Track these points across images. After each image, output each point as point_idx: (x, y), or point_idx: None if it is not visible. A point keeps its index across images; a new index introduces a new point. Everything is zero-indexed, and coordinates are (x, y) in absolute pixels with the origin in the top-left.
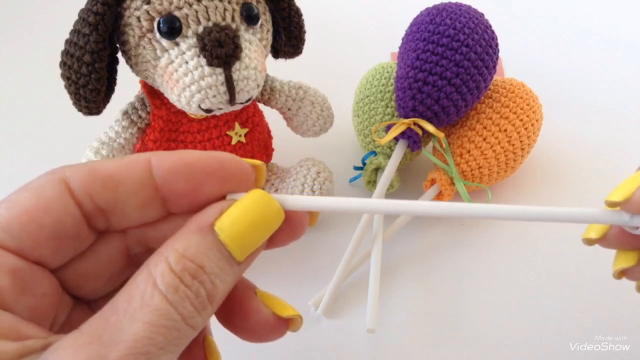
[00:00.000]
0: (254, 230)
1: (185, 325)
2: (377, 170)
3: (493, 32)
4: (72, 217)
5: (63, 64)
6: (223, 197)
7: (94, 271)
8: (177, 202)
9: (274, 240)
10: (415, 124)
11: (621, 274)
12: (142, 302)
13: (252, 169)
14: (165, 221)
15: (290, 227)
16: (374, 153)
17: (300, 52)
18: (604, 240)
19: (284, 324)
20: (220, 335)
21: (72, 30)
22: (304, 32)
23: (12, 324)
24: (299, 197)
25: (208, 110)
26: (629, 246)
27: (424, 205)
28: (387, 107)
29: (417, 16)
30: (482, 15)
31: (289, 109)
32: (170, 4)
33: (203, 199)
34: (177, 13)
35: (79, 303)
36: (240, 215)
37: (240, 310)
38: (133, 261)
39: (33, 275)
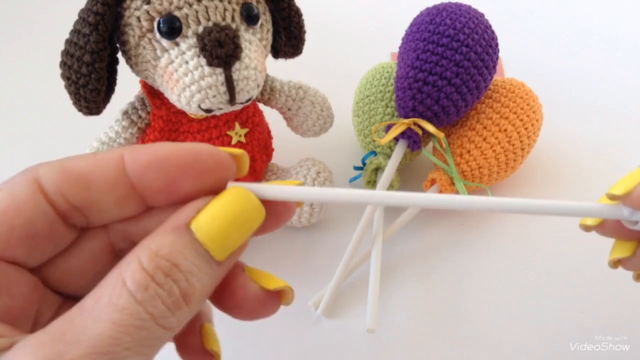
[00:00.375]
0: (233, 229)
1: (155, 326)
2: (377, 170)
3: (493, 32)
4: (45, 216)
5: (63, 64)
6: (206, 191)
7: (78, 268)
8: (155, 197)
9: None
10: (415, 124)
11: (617, 263)
12: (109, 301)
13: (232, 158)
14: (147, 215)
15: (275, 215)
16: (374, 153)
17: (300, 52)
18: (601, 227)
19: (274, 298)
20: (219, 335)
21: (72, 30)
22: (304, 32)
23: None
24: (280, 187)
25: (208, 110)
26: (626, 237)
27: (399, 196)
28: (387, 107)
29: (417, 16)
30: (482, 15)
31: (289, 109)
32: (170, 4)
33: (182, 194)
34: (177, 13)
35: (68, 300)
36: (217, 213)
37: (228, 288)
38: (119, 257)
39: (7, 275)
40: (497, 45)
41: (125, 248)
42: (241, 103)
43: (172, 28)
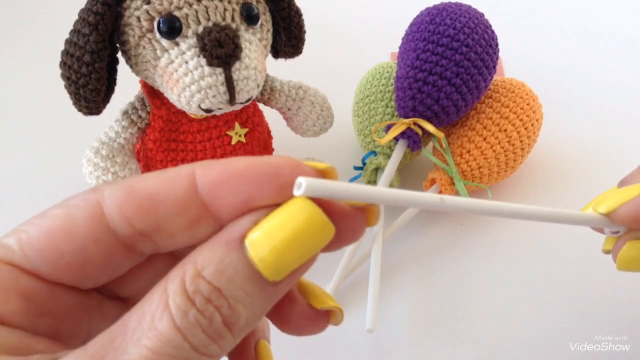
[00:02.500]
0: (292, 247)
1: (196, 354)
2: (377, 170)
3: (493, 32)
4: (101, 244)
5: (63, 64)
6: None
7: (134, 275)
8: (230, 217)
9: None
10: (415, 124)
11: (609, 252)
12: (151, 323)
13: (317, 174)
14: None
15: (342, 228)
16: (374, 153)
17: (300, 52)
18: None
19: (322, 317)
20: None
21: (72, 30)
22: (304, 32)
23: (19, 340)
24: (344, 184)
25: (208, 110)
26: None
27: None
28: (387, 107)
29: (417, 16)
30: (482, 15)
31: (289, 109)
32: (170, 4)
33: (251, 209)
34: (177, 13)
35: (126, 306)
36: (276, 228)
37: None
38: (176, 257)
39: (54, 297)
40: (497, 45)
41: (183, 250)
42: (241, 103)
43: (172, 28)
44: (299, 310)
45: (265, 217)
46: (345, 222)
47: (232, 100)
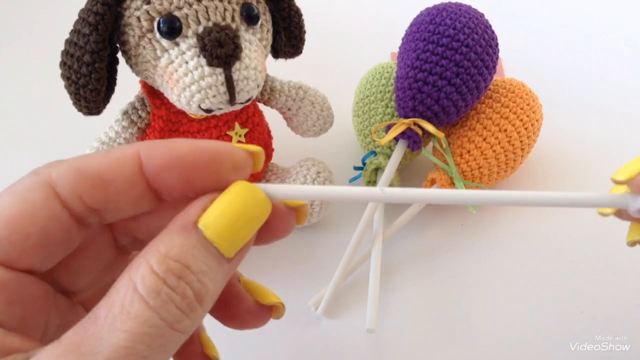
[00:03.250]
0: (241, 224)
1: (170, 331)
2: (377, 170)
3: (493, 32)
4: (60, 221)
5: (63, 64)
6: (221, 189)
7: (84, 266)
8: (170, 194)
9: (259, 238)
10: (415, 124)
11: (635, 244)
12: (122, 309)
13: (249, 155)
14: (152, 213)
15: (275, 224)
16: (374, 153)
17: (300, 52)
18: (618, 213)
19: (266, 312)
20: (220, 336)
21: (72, 30)
22: (304, 32)
23: None
24: (285, 186)
25: (208, 110)
26: None
27: (408, 192)
28: (387, 107)
29: (417, 16)
30: (482, 15)
31: (289, 109)
32: (170, 4)
33: (197, 191)
34: (177, 13)
35: (75, 305)
36: (224, 209)
37: (223, 298)
38: (122, 252)
39: (21, 285)
40: (497, 45)
41: (127, 244)
42: (241, 103)
43: (172, 28)
44: (246, 306)
45: (212, 202)
46: (279, 218)
47: (232, 100)
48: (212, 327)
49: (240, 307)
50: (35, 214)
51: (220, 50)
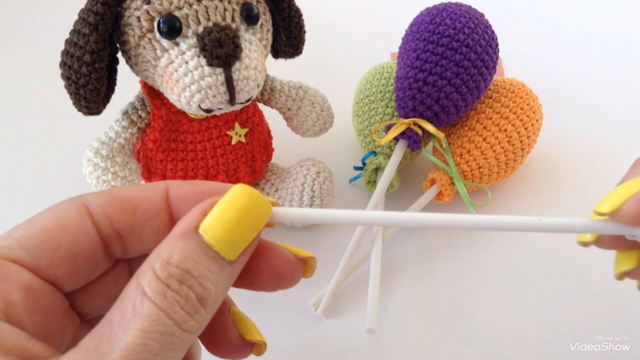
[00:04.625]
0: (240, 227)
1: (179, 330)
2: (377, 170)
3: (493, 32)
4: (89, 238)
5: (63, 64)
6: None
7: (100, 291)
8: None
9: (264, 285)
10: (415, 124)
11: (623, 275)
12: (134, 311)
13: (269, 206)
14: None
15: (283, 273)
16: (374, 153)
17: (300, 52)
18: (599, 242)
19: (248, 347)
20: None
21: (72, 30)
22: (304, 32)
23: (19, 341)
24: (284, 209)
25: (208, 110)
26: (625, 247)
27: (419, 216)
28: (387, 107)
29: (417, 16)
30: (482, 15)
31: (289, 109)
32: (170, 4)
33: None
34: (177, 13)
35: (83, 324)
36: (223, 213)
37: (209, 326)
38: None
39: (45, 294)
40: (497, 45)
41: None
42: (241, 103)
43: (172, 28)
44: (230, 338)
45: (212, 206)
46: (287, 268)
47: (232, 100)
48: None
49: (224, 337)
50: (68, 227)
51: (220, 50)
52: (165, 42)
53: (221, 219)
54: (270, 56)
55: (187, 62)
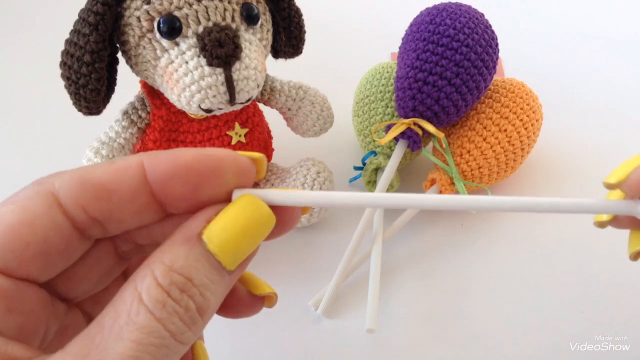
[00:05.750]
0: (244, 238)
1: (174, 342)
2: (377, 170)
3: (493, 32)
4: (61, 231)
5: (63, 64)
6: (225, 196)
7: (84, 274)
8: (175, 205)
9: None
10: (415, 124)
11: (638, 255)
12: (128, 319)
13: (252, 162)
14: (158, 223)
15: (281, 220)
16: (374, 153)
17: (300, 52)
18: (615, 221)
19: (259, 302)
20: (220, 335)
21: (72, 30)
22: (304, 32)
23: None
24: (287, 193)
25: (208, 110)
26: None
27: (413, 198)
28: (387, 107)
29: (417, 16)
30: (482, 15)
31: (289, 109)
32: (170, 4)
33: (203, 200)
34: (177, 13)
35: (72, 307)
36: (228, 223)
37: None
38: (123, 259)
39: (20, 293)
40: (497, 45)
41: (128, 250)
42: (241, 103)
43: (172, 28)
44: (238, 296)
45: (216, 214)
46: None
47: (232, 100)
48: (212, 328)
49: (233, 297)
50: (35, 223)
51: (220, 50)
52: (165, 42)
53: (226, 228)
54: (270, 56)
55: (187, 62)
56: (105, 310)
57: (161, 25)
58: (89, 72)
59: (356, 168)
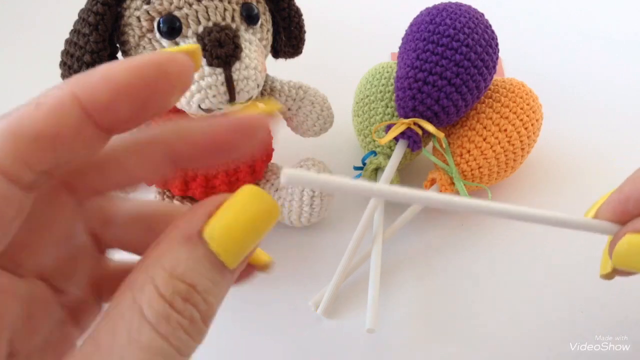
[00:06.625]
0: (248, 234)
1: (179, 356)
2: (377, 170)
3: (493, 32)
4: (9, 199)
5: (63, 64)
6: (173, 102)
7: (39, 240)
8: (123, 126)
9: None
10: (415, 124)
11: (607, 276)
12: (130, 337)
13: (190, 58)
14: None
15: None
16: (374, 153)
17: (300, 52)
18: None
19: (251, 269)
20: (220, 335)
21: (72, 30)
22: (304, 32)
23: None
24: (333, 178)
25: (208, 110)
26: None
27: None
28: (387, 107)
29: (417, 16)
30: (482, 15)
31: (289, 109)
32: (170, 4)
33: (153, 112)
34: (177, 13)
35: (34, 282)
36: (232, 218)
37: None
38: (79, 215)
39: (20, 199)
40: (497, 45)
41: (90, 206)
42: (241, 103)
43: (172, 28)
44: None
45: (218, 209)
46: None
47: (232, 100)
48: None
49: None
50: None
51: (220, 50)
52: (165, 42)
53: (230, 225)
54: (270, 56)
55: None
56: (101, 325)
57: (161, 25)
58: None
59: (356, 168)
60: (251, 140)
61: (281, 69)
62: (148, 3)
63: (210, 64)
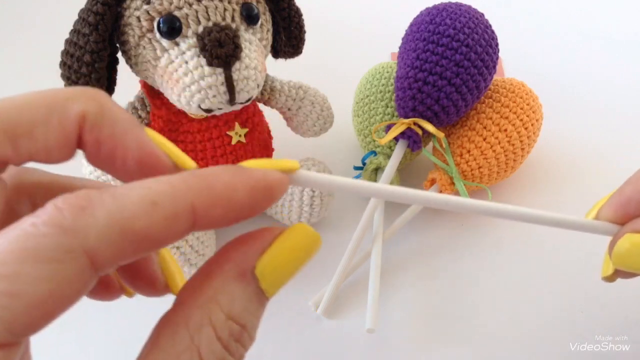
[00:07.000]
0: (294, 272)
1: None
2: (377, 170)
3: (493, 32)
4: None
5: (63, 64)
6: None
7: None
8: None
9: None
10: (415, 124)
11: (609, 279)
12: None
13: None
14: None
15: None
16: (374, 153)
17: (300, 52)
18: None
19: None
20: None
21: (72, 30)
22: (304, 32)
23: None
24: (341, 179)
25: (208, 110)
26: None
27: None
28: (387, 107)
29: (417, 16)
30: (482, 15)
31: (289, 109)
32: (170, 4)
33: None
34: (177, 13)
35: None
36: (284, 260)
37: (140, 273)
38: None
39: None
40: (497, 45)
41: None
42: (241, 103)
43: (172, 28)
44: (154, 284)
45: (270, 244)
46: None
47: (232, 100)
48: None
49: (148, 283)
50: None
51: (220, 50)
52: (165, 42)
53: (280, 265)
54: (270, 56)
55: (187, 62)
56: (150, 358)
57: (161, 25)
58: (89, 72)
59: (356, 168)
60: (270, 203)
61: (281, 69)
62: (148, 3)
63: (210, 64)
